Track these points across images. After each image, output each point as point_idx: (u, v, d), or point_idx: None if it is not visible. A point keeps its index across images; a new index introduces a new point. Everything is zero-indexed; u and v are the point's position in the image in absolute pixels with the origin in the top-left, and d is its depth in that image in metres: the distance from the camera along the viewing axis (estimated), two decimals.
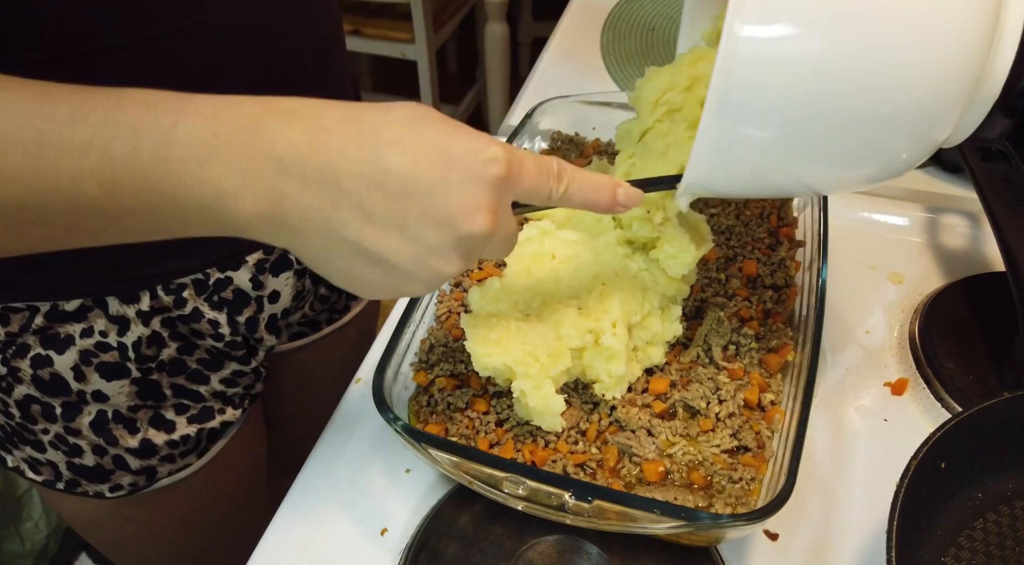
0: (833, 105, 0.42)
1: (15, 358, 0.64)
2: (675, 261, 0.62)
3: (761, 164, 0.46)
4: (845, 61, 0.41)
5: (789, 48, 0.41)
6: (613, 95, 0.84)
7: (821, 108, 0.43)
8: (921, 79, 0.42)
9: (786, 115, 0.43)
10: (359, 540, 0.60)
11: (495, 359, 0.56)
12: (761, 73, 0.42)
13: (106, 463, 0.70)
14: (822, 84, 0.42)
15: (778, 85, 0.42)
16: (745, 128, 0.44)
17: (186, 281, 0.67)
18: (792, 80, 0.42)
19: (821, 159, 0.46)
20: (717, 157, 0.46)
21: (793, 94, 0.42)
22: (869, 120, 0.43)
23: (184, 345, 0.69)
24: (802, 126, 0.43)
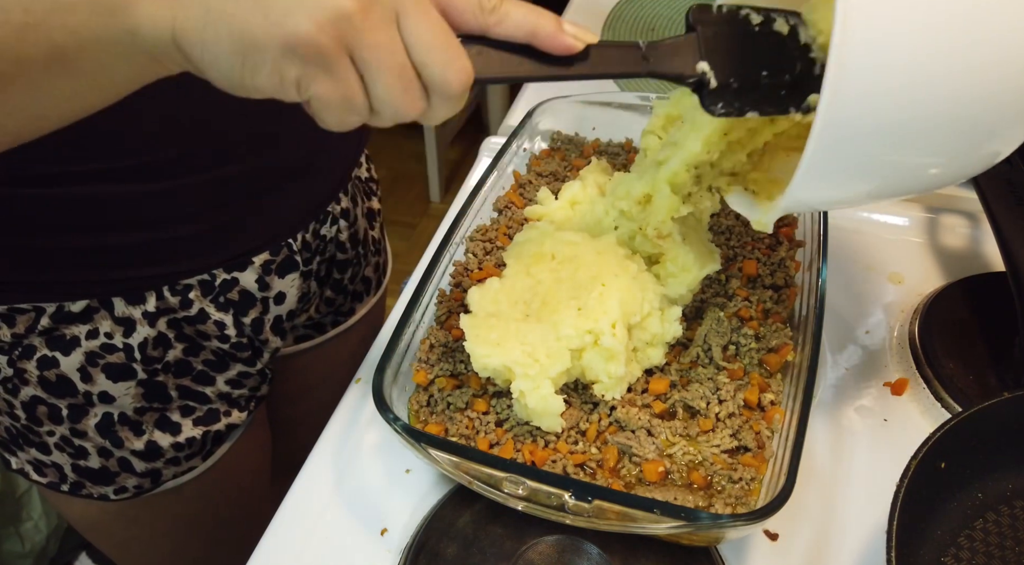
0: (945, 108, 0.42)
1: (21, 359, 0.64)
2: (675, 280, 0.62)
3: (868, 179, 0.46)
4: (954, 62, 0.41)
5: (904, 58, 0.40)
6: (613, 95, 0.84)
7: (934, 113, 0.42)
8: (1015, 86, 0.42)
9: (902, 128, 0.42)
10: (359, 540, 0.60)
11: (494, 360, 0.56)
12: (875, 86, 0.41)
13: (111, 465, 0.71)
14: (934, 88, 0.41)
15: (893, 100, 0.41)
16: (858, 146, 0.43)
17: (192, 282, 0.67)
18: (907, 92, 0.41)
19: (923, 171, 0.46)
20: (820, 178, 0.45)
21: (908, 106, 0.42)
22: (979, 116, 0.43)
23: (190, 346, 0.69)
24: (917, 136, 0.43)
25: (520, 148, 0.84)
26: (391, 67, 0.39)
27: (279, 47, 0.38)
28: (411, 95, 0.41)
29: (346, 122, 0.42)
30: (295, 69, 0.39)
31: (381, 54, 0.39)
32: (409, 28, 0.39)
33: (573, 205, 0.67)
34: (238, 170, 0.64)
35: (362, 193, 0.84)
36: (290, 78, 0.39)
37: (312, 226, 0.74)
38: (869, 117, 0.42)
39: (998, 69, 0.42)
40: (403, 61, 0.40)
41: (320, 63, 0.38)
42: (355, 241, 0.82)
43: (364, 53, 0.39)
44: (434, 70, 0.40)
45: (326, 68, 0.39)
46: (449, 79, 0.40)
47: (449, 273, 0.70)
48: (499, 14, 0.42)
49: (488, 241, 0.73)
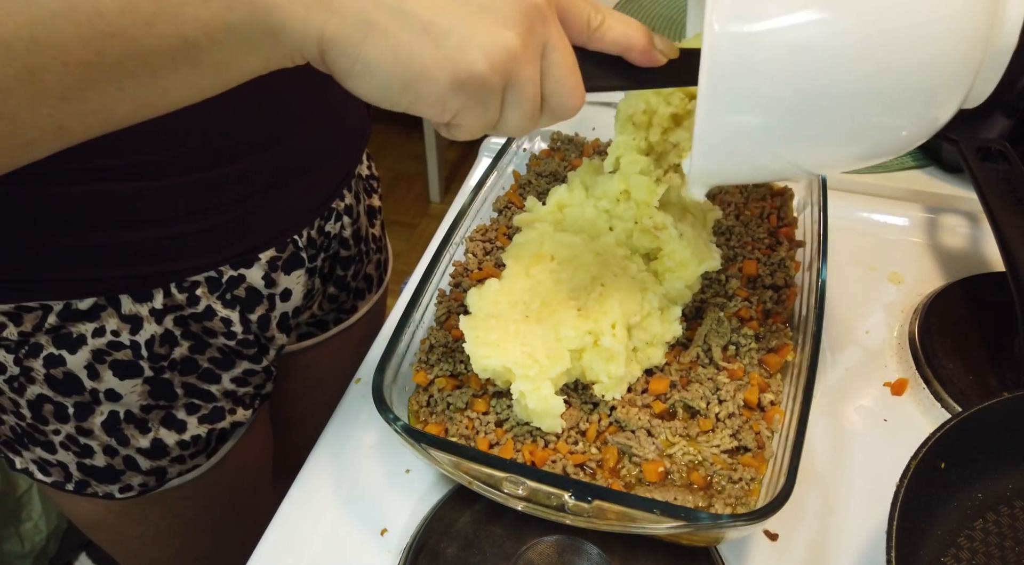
0: (828, 81, 0.40)
1: (28, 358, 0.64)
2: (672, 275, 0.62)
3: (760, 150, 0.45)
4: (835, 34, 0.39)
5: (774, 26, 0.39)
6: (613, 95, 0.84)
7: (815, 86, 0.40)
8: (920, 42, 0.39)
9: (780, 98, 0.41)
10: (359, 540, 0.60)
11: (494, 361, 0.56)
12: (748, 56, 0.40)
13: (117, 464, 0.71)
14: (813, 60, 0.40)
15: (767, 67, 0.40)
16: (739, 116, 0.42)
17: (199, 279, 0.67)
18: (781, 60, 0.40)
19: (822, 140, 0.44)
20: (716, 148, 0.44)
21: (784, 74, 0.40)
22: (869, 95, 0.41)
23: (196, 343, 0.69)
24: (798, 107, 0.41)
25: (520, 148, 0.84)
26: (531, 98, 0.41)
27: (449, 81, 0.39)
28: (534, 119, 0.43)
29: (474, 136, 0.44)
30: (458, 102, 0.40)
31: (528, 88, 0.41)
32: (552, 61, 0.41)
33: (561, 208, 0.67)
34: (246, 167, 0.64)
35: (363, 190, 0.84)
36: (451, 109, 0.40)
37: (317, 222, 0.75)
38: (742, 76, 0.41)
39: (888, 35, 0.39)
40: (538, 91, 0.42)
41: (481, 97, 0.40)
42: (358, 238, 0.82)
43: (516, 88, 0.41)
44: (560, 100, 0.43)
45: (484, 102, 0.40)
46: (569, 107, 0.43)
47: (449, 273, 0.70)
48: (601, 31, 0.44)
49: (488, 241, 0.73)
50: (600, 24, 0.44)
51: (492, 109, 0.41)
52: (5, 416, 0.69)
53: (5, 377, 0.65)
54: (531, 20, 0.39)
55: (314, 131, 0.69)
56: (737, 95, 0.41)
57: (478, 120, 0.42)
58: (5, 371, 0.64)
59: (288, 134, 0.67)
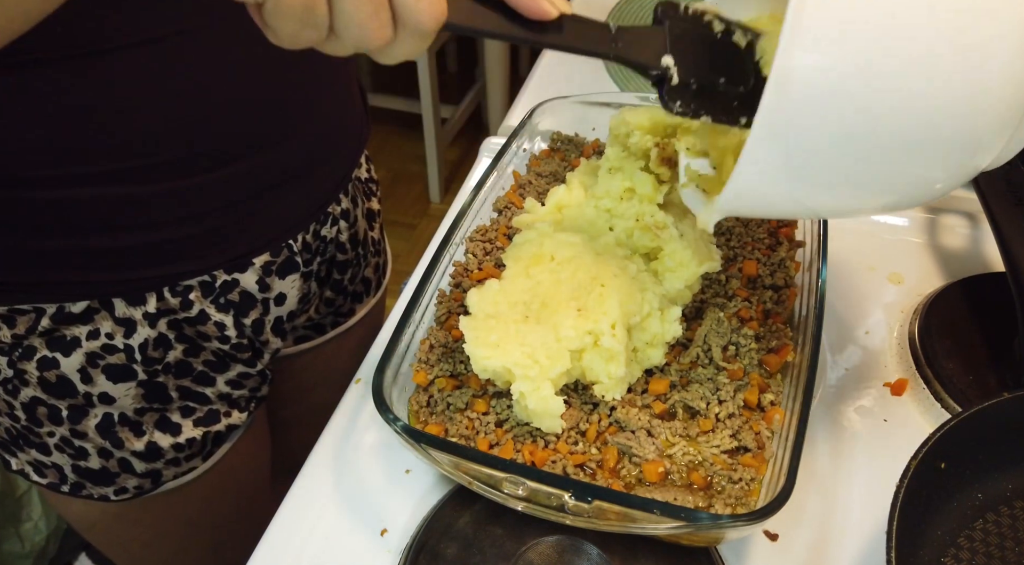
0: (883, 133, 0.42)
1: (21, 360, 0.64)
2: (672, 275, 0.62)
3: (801, 190, 0.46)
4: (896, 89, 0.41)
5: (847, 76, 0.40)
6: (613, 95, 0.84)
7: (869, 137, 0.42)
8: (969, 108, 0.41)
9: (833, 145, 0.42)
10: (359, 540, 0.60)
11: (494, 361, 0.56)
12: (816, 100, 0.41)
13: (111, 466, 0.70)
14: (872, 114, 0.41)
15: (833, 114, 0.41)
16: (792, 156, 0.43)
17: (193, 283, 0.67)
18: (847, 109, 0.41)
19: (865, 185, 0.45)
20: (758, 181, 0.45)
21: (844, 124, 0.41)
22: (924, 146, 0.43)
23: (190, 347, 0.69)
24: (847, 155, 0.43)
25: (520, 148, 0.84)
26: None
27: None
28: (379, 20, 0.37)
29: (299, 36, 0.37)
30: None
31: None
32: None
33: (560, 209, 0.67)
34: (239, 171, 0.64)
35: (362, 194, 0.84)
36: None
37: (312, 227, 0.74)
38: (808, 119, 0.41)
39: (950, 93, 0.41)
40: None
41: None
42: (355, 242, 0.82)
43: None
44: (406, 3, 0.37)
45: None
46: (423, 12, 0.37)
47: (449, 273, 0.70)
48: None
49: (488, 241, 0.73)
50: None
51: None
52: (0, 418, 0.69)
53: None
54: None
55: (309, 136, 0.69)
56: (797, 136, 0.42)
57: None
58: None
59: (283, 138, 0.66)
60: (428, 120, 2.41)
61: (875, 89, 0.41)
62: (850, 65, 0.40)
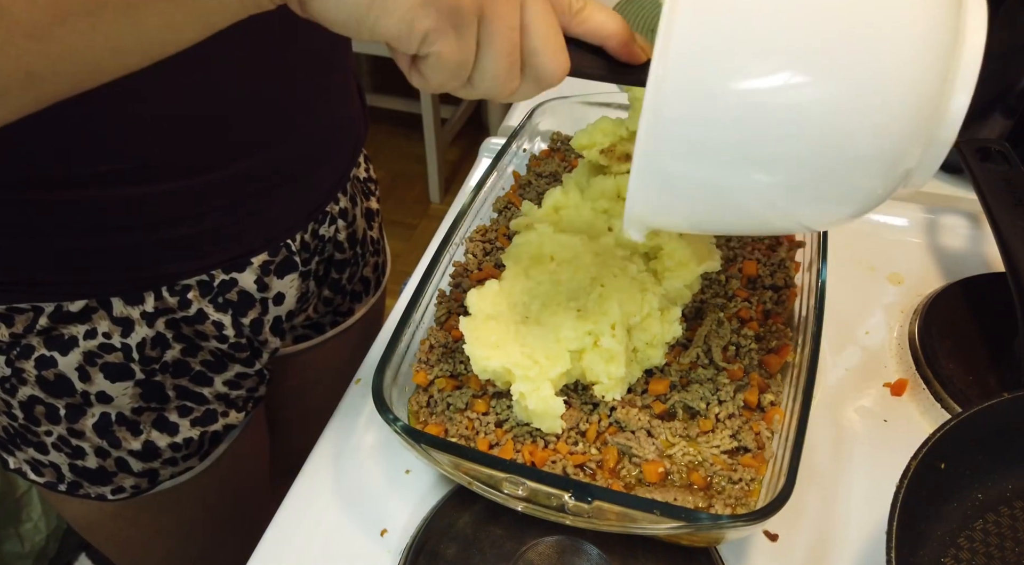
0: (771, 148, 0.38)
1: (19, 359, 0.64)
2: (672, 275, 0.62)
3: (699, 204, 0.43)
4: (782, 103, 0.37)
5: (725, 84, 0.37)
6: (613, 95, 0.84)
7: (756, 152, 0.38)
8: (871, 124, 0.38)
9: (719, 156, 0.39)
10: (359, 540, 0.60)
11: (494, 362, 0.56)
12: (693, 108, 0.38)
13: (109, 465, 0.70)
14: (758, 127, 0.38)
15: (712, 123, 0.38)
16: (677, 165, 0.40)
17: (191, 282, 0.67)
18: (726, 122, 0.38)
19: (760, 203, 0.42)
20: (654, 193, 0.42)
21: (728, 136, 0.38)
22: (813, 163, 0.39)
23: (188, 347, 0.69)
24: (735, 171, 0.40)
25: (520, 148, 0.84)
26: (508, 43, 0.40)
27: None
28: (513, 75, 0.42)
29: (445, 86, 0.42)
30: (429, 21, 0.38)
31: (505, 29, 0.40)
32: (531, 12, 0.40)
33: (557, 210, 0.67)
34: (238, 171, 0.64)
35: (360, 193, 0.84)
36: (420, 29, 0.38)
37: (311, 226, 0.74)
38: (687, 131, 0.39)
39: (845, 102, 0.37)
40: (518, 41, 0.41)
41: (453, 21, 0.38)
42: (353, 241, 0.82)
43: (492, 23, 0.39)
44: (541, 59, 0.41)
45: (457, 27, 0.39)
46: (551, 70, 0.42)
47: (449, 274, 0.70)
48: (583, 15, 0.43)
49: (488, 242, 0.73)
50: (581, 9, 0.43)
51: (466, 41, 0.39)
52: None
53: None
54: None
55: (308, 135, 0.69)
56: (680, 145, 0.39)
57: (453, 52, 0.39)
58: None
59: (282, 138, 0.66)
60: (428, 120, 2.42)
61: (756, 105, 0.37)
62: (725, 79, 0.37)
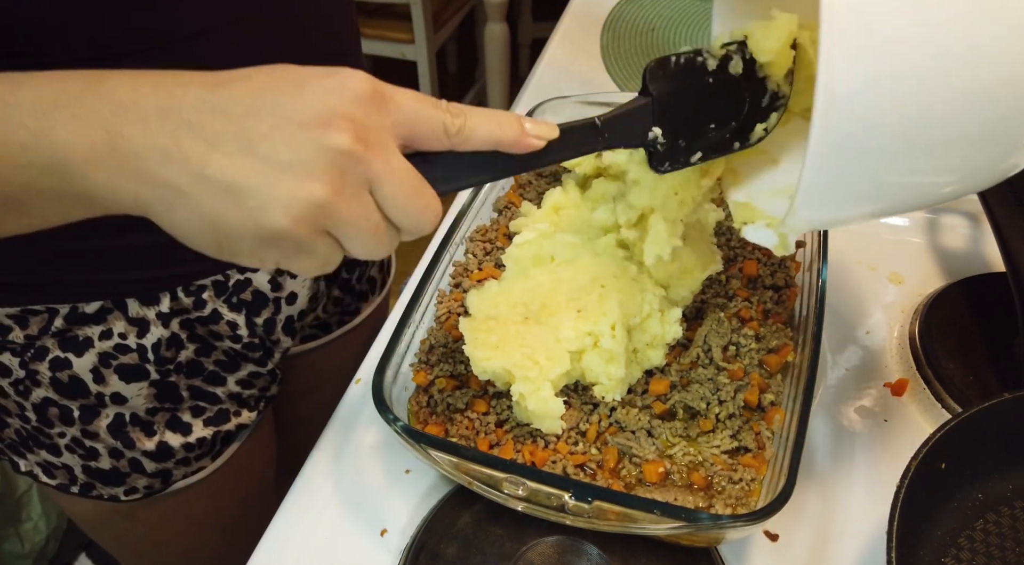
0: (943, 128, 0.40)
1: (34, 361, 0.64)
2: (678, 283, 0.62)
3: (872, 196, 0.44)
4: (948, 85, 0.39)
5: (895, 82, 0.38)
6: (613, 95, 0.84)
7: (930, 134, 0.40)
8: None
9: (896, 148, 0.41)
10: (359, 540, 0.60)
11: (494, 363, 0.56)
12: (869, 110, 0.39)
13: (122, 466, 0.71)
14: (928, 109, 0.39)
15: (888, 122, 0.39)
16: (855, 166, 0.41)
17: (206, 282, 0.67)
18: (901, 115, 0.39)
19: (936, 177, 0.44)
20: (823, 197, 0.43)
21: (902, 129, 0.40)
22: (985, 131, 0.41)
23: (202, 346, 0.69)
24: (914, 155, 0.41)
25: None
26: (367, 231, 0.41)
27: (255, 238, 0.39)
28: (386, 244, 0.42)
29: (326, 270, 0.43)
30: (274, 254, 0.40)
31: (358, 224, 0.40)
32: (384, 193, 0.40)
33: (557, 211, 0.67)
34: None
35: None
36: (269, 261, 0.41)
37: None
38: (860, 135, 0.40)
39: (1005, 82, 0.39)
40: (378, 221, 0.41)
41: (297, 248, 0.40)
42: None
43: (341, 229, 0.40)
44: (408, 223, 0.42)
45: (304, 251, 0.40)
46: (423, 225, 0.42)
47: (449, 273, 0.70)
48: (463, 134, 0.42)
49: (488, 241, 0.73)
50: (460, 128, 0.42)
51: (322, 253, 0.41)
52: (10, 419, 0.69)
53: (10, 380, 0.65)
54: (340, 167, 0.38)
55: None
56: (854, 148, 0.40)
57: (311, 265, 0.42)
58: (10, 374, 0.64)
59: None
60: None
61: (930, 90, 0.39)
62: (902, 69, 0.38)
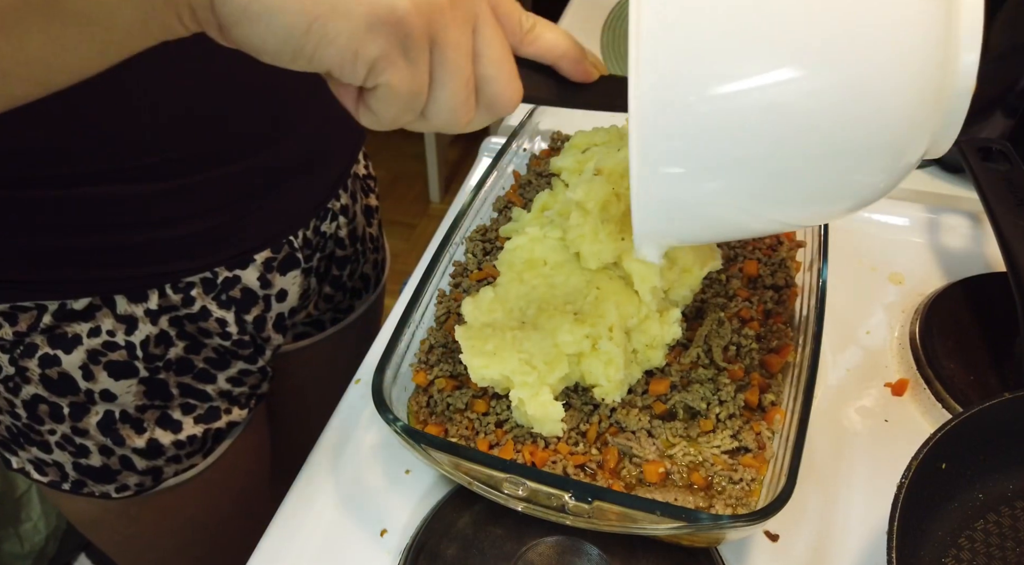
0: (768, 149, 0.36)
1: (23, 358, 0.64)
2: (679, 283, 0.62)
3: (705, 215, 0.41)
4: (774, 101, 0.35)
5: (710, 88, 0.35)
6: None
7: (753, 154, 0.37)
8: (869, 111, 0.36)
9: (715, 165, 0.37)
10: (359, 540, 0.60)
11: (492, 370, 0.56)
12: (681, 120, 0.36)
13: (113, 464, 0.71)
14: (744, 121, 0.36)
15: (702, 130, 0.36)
16: (675, 180, 0.38)
17: (194, 280, 0.67)
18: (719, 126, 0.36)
19: (768, 205, 0.40)
20: (657, 210, 0.40)
21: (722, 145, 0.36)
22: (814, 160, 0.37)
23: (191, 344, 0.69)
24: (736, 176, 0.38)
25: (520, 148, 0.84)
26: (462, 72, 0.37)
27: (365, 17, 0.33)
28: (469, 105, 0.39)
29: (399, 120, 0.39)
30: (376, 47, 0.34)
31: (459, 56, 0.37)
32: (484, 38, 0.38)
33: (545, 212, 0.67)
34: (242, 169, 0.64)
35: (360, 190, 0.84)
36: (367, 56, 0.35)
37: (312, 223, 0.74)
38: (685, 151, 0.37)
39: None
40: (471, 70, 0.38)
41: (404, 47, 0.35)
42: (354, 238, 0.82)
43: (444, 51, 0.36)
44: (495, 87, 0.39)
45: (407, 54, 0.35)
46: (506, 98, 0.40)
47: (449, 273, 0.70)
48: (534, 34, 0.42)
49: (488, 241, 0.73)
50: (532, 28, 0.41)
51: (418, 70, 0.36)
52: (1, 416, 0.69)
53: (0, 377, 0.65)
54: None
55: (309, 132, 0.69)
56: (670, 157, 0.37)
57: (405, 82, 0.36)
58: (0, 371, 0.64)
59: (283, 136, 0.66)
60: None
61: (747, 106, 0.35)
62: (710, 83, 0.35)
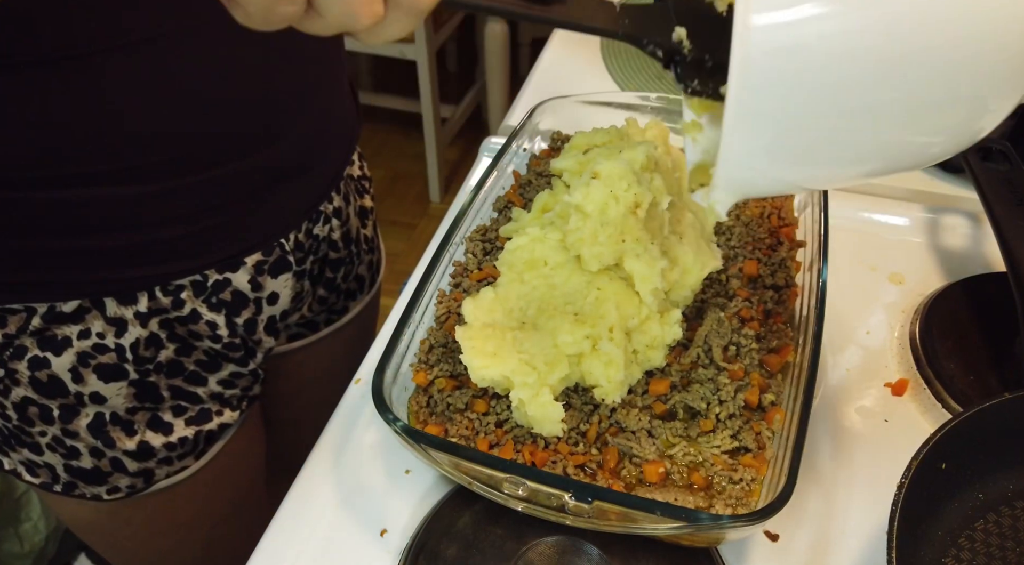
0: (876, 96, 0.36)
1: (12, 360, 0.64)
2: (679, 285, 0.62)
3: (814, 143, 0.39)
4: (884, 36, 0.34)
5: (825, 24, 0.34)
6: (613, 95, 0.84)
7: (857, 94, 0.36)
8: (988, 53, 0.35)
9: (821, 115, 0.36)
10: (359, 540, 0.60)
11: (492, 371, 0.56)
12: (793, 67, 0.34)
13: (103, 465, 0.70)
14: (858, 65, 0.35)
15: (812, 80, 0.35)
16: (773, 133, 0.37)
17: (184, 282, 0.66)
18: (828, 65, 0.35)
19: (857, 158, 0.40)
20: (745, 170, 0.39)
21: (828, 89, 0.35)
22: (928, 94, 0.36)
23: (182, 346, 0.69)
24: (838, 119, 0.37)
25: (520, 148, 0.84)
26: None
27: None
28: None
29: (273, 12, 0.33)
30: None
31: None
32: None
33: (545, 213, 0.67)
34: (232, 171, 0.64)
35: (354, 191, 0.84)
36: None
37: (304, 225, 0.74)
38: (784, 90, 0.35)
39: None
40: None
41: None
42: (347, 240, 0.82)
43: None
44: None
45: None
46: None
47: (449, 273, 0.70)
48: None
49: (488, 241, 0.73)
50: None
51: None
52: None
53: None
54: None
55: (301, 135, 0.69)
56: (773, 108, 0.36)
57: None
58: None
59: (275, 139, 0.66)
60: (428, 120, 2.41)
61: (862, 44, 0.34)
62: (829, 16, 0.34)
